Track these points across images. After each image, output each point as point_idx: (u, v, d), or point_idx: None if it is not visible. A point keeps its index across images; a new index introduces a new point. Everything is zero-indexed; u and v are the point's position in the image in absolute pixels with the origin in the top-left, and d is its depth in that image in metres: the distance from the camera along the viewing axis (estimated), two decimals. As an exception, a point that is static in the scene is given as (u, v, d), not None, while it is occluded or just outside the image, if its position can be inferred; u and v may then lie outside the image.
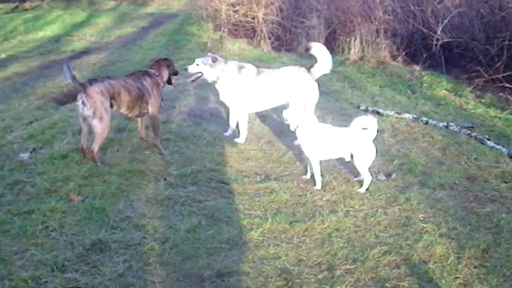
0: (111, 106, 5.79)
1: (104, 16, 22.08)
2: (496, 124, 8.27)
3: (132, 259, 4.06)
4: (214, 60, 6.76)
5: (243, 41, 14.90)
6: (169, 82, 6.58)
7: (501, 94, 9.92)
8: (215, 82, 6.86)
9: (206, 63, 6.77)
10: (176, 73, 6.70)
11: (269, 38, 14.36)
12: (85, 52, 14.64)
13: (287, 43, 14.45)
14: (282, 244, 4.39)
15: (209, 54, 6.95)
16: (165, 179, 5.53)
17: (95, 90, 5.60)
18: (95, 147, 5.69)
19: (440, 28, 10.75)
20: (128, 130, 6.85)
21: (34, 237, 4.29)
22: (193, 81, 6.95)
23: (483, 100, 9.70)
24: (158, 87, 6.33)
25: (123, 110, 5.99)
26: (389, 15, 12.54)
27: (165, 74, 6.46)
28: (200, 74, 6.81)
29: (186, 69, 6.88)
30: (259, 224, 4.68)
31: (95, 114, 5.59)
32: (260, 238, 4.47)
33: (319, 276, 3.99)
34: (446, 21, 10.72)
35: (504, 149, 6.86)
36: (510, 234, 4.80)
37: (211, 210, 4.88)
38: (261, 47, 14.39)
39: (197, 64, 6.81)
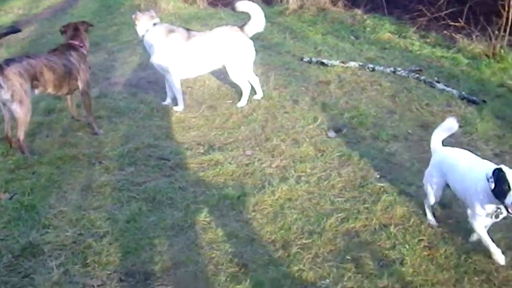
0: (35, 87, 5.23)
1: (30, -14, 20.89)
2: (443, 64, 8.04)
3: (67, 262, 3.62)
4: (138, 18, 6.39)
5: (179, -1, 14.26)
6: None
7: (445, 32, 9.68)
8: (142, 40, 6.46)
9: (134, 21, 6.45)
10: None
11: (205, -7, 13.75)
12: (12, 26, 13.74)
13: (225, -4, 13.87)
14: (232, 224, 4.03)
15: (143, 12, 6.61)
16: (100, 163, 5.03)
17: (12, 71, 5.02)
18: (20, 134, 5.15)
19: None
20: (58, 111, 6.27)
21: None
22: None
23: (428, 40, 9.44)
24: (85, 59, 5.75)
25: (50, 90, 5.42)
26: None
27: (87, 41, 5.90)
28: None
29: None
30: (205, 203, 4.30)
31: (14, 97, 5.03)
32: (207, 219, 4.09)
33: (274, 256, 3.66)
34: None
35: (454, 91, 6.64)
36: (470, 184, 4.57)
37: (152, 193, 4.45)
38: (197, 4, 13.77)
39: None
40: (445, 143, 5.23)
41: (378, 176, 4.73)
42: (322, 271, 3.50)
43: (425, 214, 4.09)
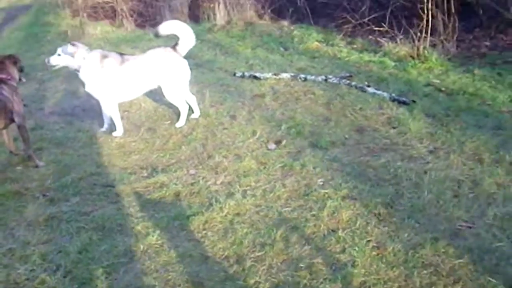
0: None
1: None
2: (372, 68, 8.31)
3: (21, 300, 3.56)
4: (77, 47, 6.28)
5: (105, 23, 14.16)
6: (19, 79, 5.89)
7: (370, 37, 10.02)
8: (78, 72, 6.31)
9: (66, 52, 6.26)
10: (22, 69, 6.00)
11: (131, 16, 13.73)
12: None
13: (150, 18, 13.88)
14: (184, 244, 4.03)
15: (71, 42, 6.41)
16: (44, 195, 4.94)
17: None
18: None
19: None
20: (-8, 146, 6.16)
21: None
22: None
23: (355, 46, 9.74)
24: (17, 92, 5.64)
25: None
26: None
27: (16, 74, 5.77)
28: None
29: (48, 61, 6.38)
30: (154, 226, 4.28)
31: None
32: (159, 242, 4.08)
33: (230, 272, 3.69)
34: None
35: (385, 94, 6.87)
36: (409, 182, 4.76)
37: (100, 221, 4.40)
38: (124, 27, 13.74)
39: (59, 54, 6.30)
40: (380, 144, 5.49)
41: (321, 183, 4.83)
42: (277, 281, 3.56)
43: (371, 216, 4.23)
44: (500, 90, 6.93)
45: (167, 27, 6.46)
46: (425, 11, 8.15)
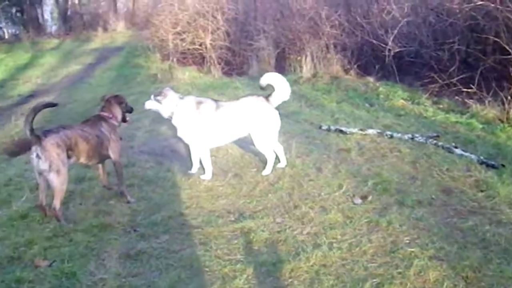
0: (69, 157, 5.47)
1: (48, 56, 21.51)
2: (459, 130, 8.26)
3: (113, 330, 3.75)
4: (165, 95, 6.60)
5: (193, 68, 14.71)
6: (123, 120, 6.24)
7: (456, 97, 9.96)
8: (170, 117, 6.63)
9: (157, 100, 6.61)
10: (130, 110, 6.35)
11: (219, 64, 14.20)
12: (32, 95, 14.18)
13: (237, 67, 14.32)
14: (270, 290, 4.15)
15: (166, 88, 6.79)
16: (135, 230, 5.20)
17: (50, 142, 5.27)
18: (56, 203, 5.35)
19: (391, 39, 10.76)
20: (88, 179, 6.52)
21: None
22: None
23: (441, 106, 9.71)
24: (115, 130, 6.03)
25: (83, 159, 5.69)
26: (336, 30, 12.53)
27: (119, 114, 6.14)
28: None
29: (144, 105, 6.76)
30: (242, 270, 4.41)
31: (51, 167, 5.26)
32: (246, 286, 4.21)
33: (316, 322, 3.77)
34: (396, 31, 10.74)
35: (473, 156, 6.82)
36: (498, 247, 4.69)
37: (188, 261, 4.59)
38: (211, 74, 14.21)
39: (152, 100, 6.70)
40: (467, 207, 5.43)
41: (407, 241, 4.84)
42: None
43: (459, 278, 4.20)
44: None
45: (267, 78, 6.70)
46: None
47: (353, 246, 4.77)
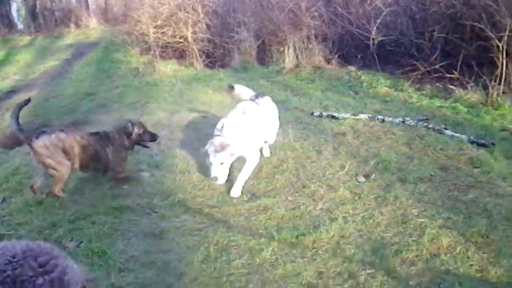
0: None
1: (23, 53, 21.24)
2: (445, 113, 8.62)
3: (156, 299, 3.97)
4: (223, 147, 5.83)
5: (175, 62, 14.81)
6: (143, 146, 6.42)
7: (438, 84, 10.32)
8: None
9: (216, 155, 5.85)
10: (154, 139, 6.42)
11: (201, 56, 14.32)
12: (13, 91, 14.10)
13: (219, 59, 14.45)
14: (297, 260, 4.43)
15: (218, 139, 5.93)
16: (155, 212, 5.42)
17: (39, 145, 5.48)
18: (55, 189, 5.62)
19: (375, 28, 11.09)
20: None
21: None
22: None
23: (424, 92, 10.05)
24: (120, 152, 6.10)
25: (77, 165, 5.86)
26: (317, 21, 12.80)
27: (130, 143, 6.16)
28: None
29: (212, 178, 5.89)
30: (266, 244, 4.68)
31: (46, 166, 5.53)
32: (273, 257, 4.48)
33: (345, 286, 4.06)
34: (379, 20, 11.08)
35: (463, 136, 7.18)
36: (500, 215, 5.06)
37: (214, 237, 4.83)
38: (193, 66, 14.34)
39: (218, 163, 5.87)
40: (466, 182, 5.79)
41: (416, 213, 5.17)
42: (392, 296, 3.92)
43: (469, 243, 4.55)
44: None
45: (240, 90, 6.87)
46: (500, 60, 8.50)
47: (366, 219, 5.08)
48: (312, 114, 8.80)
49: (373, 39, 11.14)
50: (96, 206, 5.56)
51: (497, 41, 8.62)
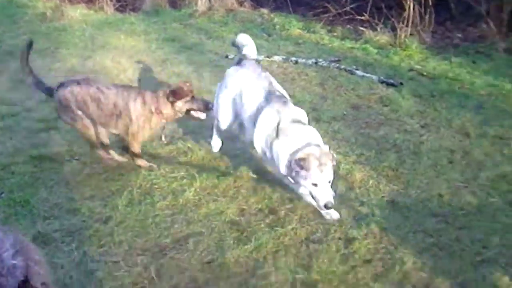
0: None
1: None
2: (356, 54, 8.90)
3: (82, 245, 3.96)
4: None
5: (83, 6, 14.29)
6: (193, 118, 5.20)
7: (348, 26, 10.59)
8: None
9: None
10: (208, 107, 5.14)
11: (111, 0, 13.90)
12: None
13: (130, 2, 14.07)
14: (220, 199, 4.55)
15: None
16: (76, 159, 5.34)
17: (58, 97, 5.03)
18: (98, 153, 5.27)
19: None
20: (11, 115, 6.35)
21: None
22: None
23: (335, 34, 10.29)
24: (148, 117, 5.04)
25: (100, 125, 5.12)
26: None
27: (170, 110, 5.06)
28: None
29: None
30: (189, 185, 4.76)
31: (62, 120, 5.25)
32: (196, 198, 4.58)
33: (267, 221, 4.24)
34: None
35: (373, 77, 7.48)
36: (408, 150, 5.43)
37: (135, 181, 4.85)
38: (104, 11, 13.90)
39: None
40: (376, 119, 6.09)
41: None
42: (311, 228, 4.14)
43: (380, 177, 4.85)
44: (476, 75, 7.67)
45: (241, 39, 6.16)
46: (407, 3, 8.82)
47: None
48: (226, 57, 8.82)
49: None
50: (14, 156, 5.40)
51: (405, -16, 8.93)
